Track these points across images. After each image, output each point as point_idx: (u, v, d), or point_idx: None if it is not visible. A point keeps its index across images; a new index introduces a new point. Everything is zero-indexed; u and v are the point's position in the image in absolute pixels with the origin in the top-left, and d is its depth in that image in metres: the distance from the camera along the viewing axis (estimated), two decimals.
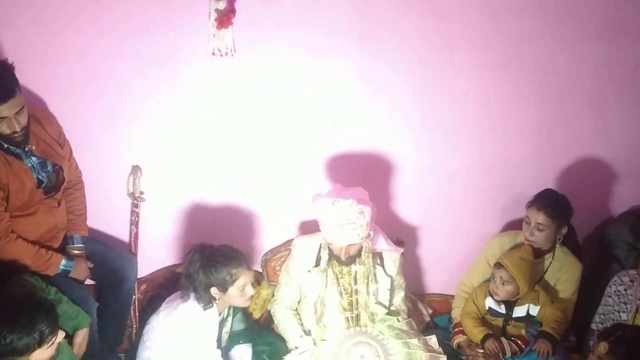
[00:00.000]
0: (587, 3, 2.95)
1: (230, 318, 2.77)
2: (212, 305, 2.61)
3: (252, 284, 2.63)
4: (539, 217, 2.84)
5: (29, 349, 2.06)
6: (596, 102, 3.11)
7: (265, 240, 3.20)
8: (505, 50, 2.98)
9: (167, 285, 3.11)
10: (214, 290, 2.58)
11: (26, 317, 2.04)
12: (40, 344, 2.08)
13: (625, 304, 2.77)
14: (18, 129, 2.47)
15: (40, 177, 2.65)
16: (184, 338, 2.56)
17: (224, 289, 2.57)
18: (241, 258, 2.60)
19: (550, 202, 2.86)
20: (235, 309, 2.79)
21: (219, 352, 2.63)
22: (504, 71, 3.01)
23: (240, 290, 2.59)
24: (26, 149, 2.59)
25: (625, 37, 3.02)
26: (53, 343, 2.13)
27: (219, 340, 2.74)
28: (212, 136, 3.04)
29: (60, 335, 2.16)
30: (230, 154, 3.08)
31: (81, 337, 2.55)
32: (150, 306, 3.00)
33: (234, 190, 3.16)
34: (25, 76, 2.67)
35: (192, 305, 2.60)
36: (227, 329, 2.78)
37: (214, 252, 2.59)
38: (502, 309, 2.90)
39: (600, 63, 3.03)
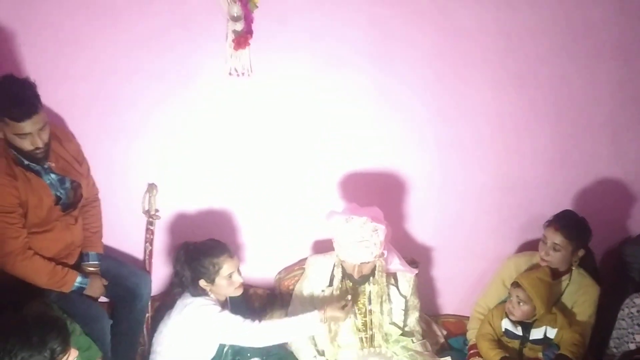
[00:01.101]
0: (603, 23, 2.96)
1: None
2: (207, 295, 2.67)
3: (239, 271, 2.68)
4: (556, 237, 2.82)
5: None
6: (611, 122, 3.10)
7: (280, 259, 3.19)
8: (520, 70, 2.99)
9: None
10: (202, 283, 2.66)
11: (37, 335, 2.01)
12: None
13: (639, 325, 2.73)
14: (41, 145, 2.49)
15: (58, 194, 2.67)
16: (190, 334, 2.61)
17: (210, 280, 2.65)
18: (222, 247, 2.68)
19: (568, 223, 2.85)
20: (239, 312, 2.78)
21: (228, 312, 2.67)
22: (519, 91, 3.01)
23: (227, 279, 2.65)
24: (45, 165, 2.62)
25: None
26: None
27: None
28: (228, 155, 3.05)
29: (73, 354, 2.15)
30: (246, 173, 3.09)
31: None
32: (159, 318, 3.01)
33: (249, 209, 3.16)
34: (45, 94, 2.68)
35: (195, 303, 2.64)
36: None
37: (196, 246, 2.70)
38: (518, 331, 2.86)
39: (616, 83, 3.03)
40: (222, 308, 2.69)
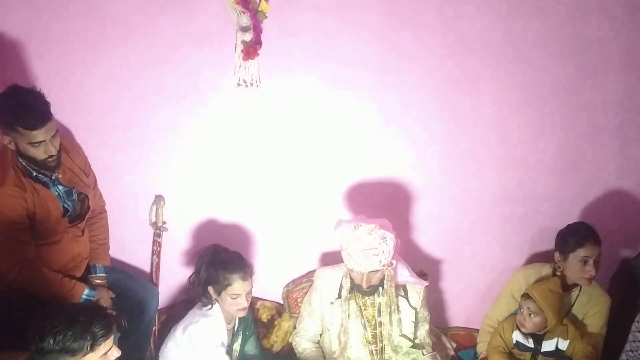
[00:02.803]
0: (610, 33, 2.96)
1: (240, 333, 2.79)
2: (212, 306, 2.66)
3: (248, 295, 2.65)
4: (596, 251, 2.80)
5: (81, 350, 2.05)
6: (619, 133, 3.09)
7: (288, 271, 3.17)
8: (528, 81, 2.99)
9: None
10: (210, 290, 2.66)
11: (83, 317, 2.07)
12: (92, 347, 2.07)
13: None
14: (54, 153, 2.49)
15: (66, 205, 2.66)
16: (197, 349, 2.60)
17: (218, 291, 2.64)
18: (241, 266, 2.65)
19: (595, 232, 2.84)
20: (247, 328, 2.82)
21: (228, 358, 2.65)
22: (527, 102, 3.01)
23: (232, 298, 2.63)
24: (53, 177, 2.61)
25: None
26: (106, 355, 2.12)
27: (229, 354, 2.73)
28: (235, 166, 3.04)
29: (115, 352, 2.15)
30: (254, 185, 3.08)
31: None
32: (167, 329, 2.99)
33: (256, 220, 3.15)
34: (52, 106, 2.70)
35: (200, 323, 2.65)
36: (237, 345, 2.78)
37: (223, 253, 2.70)
38: (530, 343, 2.84)
39: (624, 93, 3.03)
40: (231, 325, 2.67)
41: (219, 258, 2.68)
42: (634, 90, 3.03)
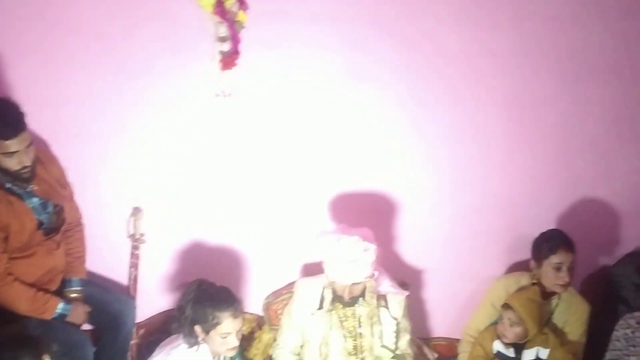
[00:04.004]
0: (589, 43, 2.99)
1: None
2: (197, 345, 2.49)
3: (239, 334, 2.50)
4: (569, 257, 2.82)
5: None
6: (599, 142, 3.12)
7: (268, 283, 3.14)
8: (507, 91, 3.00)
9: (167, 329, 3.02)
10: (197, 329, 2.47)
11: (8, 352, 1.97)
12: None
13: (634, 346, 2.70)
14: (28, 164, 2.47)
15: (41, 218, 2.62)
16: None
17: (206, 330, 2.46)
18: (232, 304, 2.46)
19: (568, 239, 2.86)
20: (234, 356, 2.69)
21: None
22: (506, 111, 3.02)
23: (222, 338, 2.45)
24: (28, 189, 2.57)
25: (629, 77, 3.05)
26: None
27: None
28: (214, 177, 3.02)
29: None
30: (232, 195, 3.06)
31: None
32: (149, 352, 2.92)
33: (236, 232, 3.13)
34: (29, 117, 2.66)
35: (183, 349, 2.51)
36: None
37: (209, 289, 2.50)
38: (510, 353, 2.84)
39: (603, 102, 3.05)
40: None
41: (206, 294, 2.47)
42: (613, 100, 3.06)
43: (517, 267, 3.19)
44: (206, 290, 2.51)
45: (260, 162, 3.02)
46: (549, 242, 2.86)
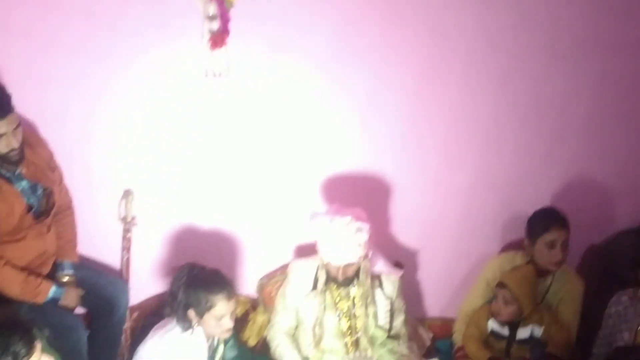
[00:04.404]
0: (583, 21, 2.96)
1: (221, 346, 2.68)
2: (191, 328, 2.49)
3: (232, 315, 2.50)
4: (563, 234, 2.81)
5: None
6: (593, 120, 3.10)
7: (261, 264, 3.14)
8: (501, 69, 2.98)
9: (161, 313, 3.01)
10: (191, 313, 2.47)
11: (0, 337, 1.94)
12: None
13: (626, 322, 2.72)
14: (16, 146, 2.44)
15: (30, 201, 2.60)
16: None
17: (200, 313, 2.45)
18: (224, 286, 2.46)
19: (561, 216, 2.85)
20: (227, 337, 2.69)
21: None
22: (500, 90, 3.00)
23: (216, 320, 2.45)
24: (16, 172, 2.55)
25: (623, 53, 3.03)
26: None
27: None
28: (205, 158, 3.00)
29: (46, 358, 2.06)
30: (224, 176, 3.04)
31: None
32: (142, 335, 2.91)
33: (229, 213, 3.11)
34: (16, 100, 2.62)
35: (177, 332, 2.51)
36: (219, 356, 2.68)
37: (201, 273, 2.50)
38: (505, 331, 2.84)
39: (597, 81, 3.03)
40: (210, 342, 2.56)
41: (198, 278, 2.46)
42: (606, 78, 3.04)
43: (512, 246, 3.19)
44: (197, 274, 2.49)
45: (252, 143, 3.00)
46: (542, 220, 2.85)
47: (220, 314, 2.45)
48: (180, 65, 2.80)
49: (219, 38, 2.72)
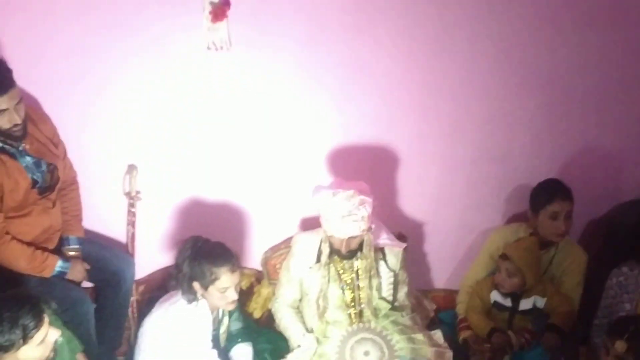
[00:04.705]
0: None
1: (226, 318, 2.72)
2: (196, 300, 2.54)
3: (237, 288, 2.54)
4: (566, 205, 2.80)
5: (14, 346, 2.00)
6: (598, 91, 3.06)
7: (266, 237, 3.15)
8: (506, 40, 2.94)
9: (166, 286, 3.05)
10: (196, 285, 2.51)
11: (8, 312, 1.99)
12: (25, 339, 2.01)
13: (628, 293, 2.73)
14: (19, 122, 2.44)
15: (34, 177, 2.61)
16: (176, 339, 2.51)
17: (204, 286, 2.50)
18: (228, 259, 2.50)
19: (565, 188, 2.84)
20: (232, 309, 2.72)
21: (214, 352, 2.56)
22: (505, 61, 2.97)
23: (220, 292, 2.49)
24: (20, 148, 2.56)
25: (628, 25, 2.98)
26: (43, 341, 2.07)
27: (216, 340, 2.69)
28: (209, 132, 2.99)
29: (53, 333, 2.10)
30: (228, 150, 3.04)
31: None
32: (149, 308, 2.95)
33: (233, 187, 3.12)
34: (18, 75, 2.61)
35: (182, 304, 2.55)
36: (224, 328, 2.72)
37: (205, 246, 2.53)
38: (507, 302, 2.85)
39: (602, 51, 2.99)
40: (214, 314, 2.61)
41: (202, 251, 2.51)
42: (612, 48, 2.99)
43: (516, 218, 3.18)
44: (202, 247, 2.52)
45: (255, 116, 2.99)
46: (546, 192, 2.84)
47: (225, 286, 2.49)
48: (182, 39, 2.79)
49: (220, 10, 2.70)
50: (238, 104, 2.95)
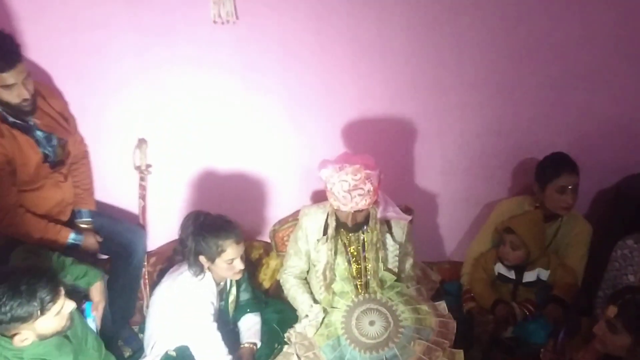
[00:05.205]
0: None
1: (234, 289, 2.77)
2: (203, 274, 2.59)
3: (242, 258, 2.59)
4: (573, 179, 2.81)
5: (31, 317, 2.07)
6: (606, 64, 3.01)
7: (276, 210, 3.19)
8: (514, 12, 2.89)
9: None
10: (202, 259, 2.57)
11: (26, 284, 2.05)
12: (42, 311, 2.09)
13: (632, 266, 2.74)
14: (28, 97, 2.47)
15: (46, 151, 2.65)
16: (181, 309, 2.58)
17: (211, 259, 2.55)
18: (232, 230, 2.55)
19: (571, 161, 2.85)
20: (240, 279, 2.79)
21: (215, 324, 2.62)
22: (513, 33, 2.92)
23: (227, 263, 2.56)
24: (31, 122, 2.59)
25: None
26: (59, 313, 2.14)
27: (225, 311, 2.75)
28: (217, 105, 3.00)
29: (69, 305, 2.17)
30: (237, 124, 3.06)
31: (96, 291, 2.51)
32: (159, 279, 3.02)
33: (242, 160, 3.14)
34: (28, 50, 2.66)
35: (187, 276, 2.61)
36: (232, 298, 2.78)
37: (207, 220, 2.58)
38: (511, 275, 2.88)
39: (611, 23, 2.93)
40: (220, 286, 2.66)
41: (205, 225, 2.56)
42: (621, 20, 2.93)
43: (522, 191, 3.19)
44: (204, 221, 2.58)
45: (264, 90, 2.99)
46: (553, 165, 2.85)
47: (231, 257, 2.55)
48: (188, 12, 2.78)
49: None
50: (246, 77, 2.95)
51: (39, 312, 2.07)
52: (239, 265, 2.58)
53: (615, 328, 2.18)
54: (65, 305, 2.15)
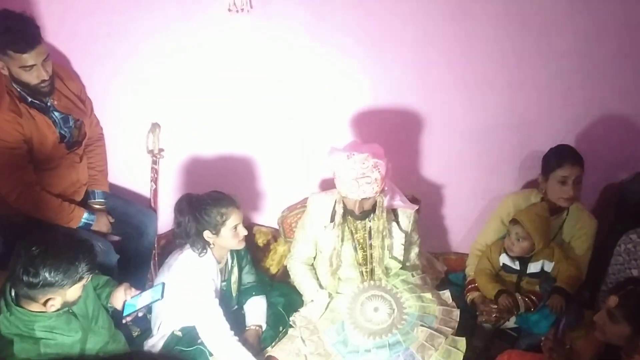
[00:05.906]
0: None
1: (235, 268, 2.83)
2: (207, 251, 2.66)
3: (244, 224, 2.68)
4: (575, 171, 2.82)
5: (68, 285, 2.16)
6: (616, 58, 3.02)
7: (285, 196, 3.23)
8: (523, 7, 2.91)
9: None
10: (207, 234, 2.63)
11: (66, 254, 2.14)
12: (79, 280, 2.18)
13: (635, 260, 2.76)
14: (46, 78, 2.52)
15: (62, 132, 2.70)
16: (183, 287, 2.63)
17: (216, 230, 2.62)
18: (229, 198, 2.65)
19: (575, 153, 2.86)
20: (242, 260, 2.84)
21: (216, 301, 2.65)
22: (522, 27, 2.94)
23: (232, 231, 2.63)
24: (48, 103, 2.65)
25: None
26: (84, 284, 2.23)
27: (228, 292, 2.80)
28: (230, 92, 3.04)
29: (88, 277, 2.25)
30: (249, 111, 3.09)
31: (119, 292, 2.48)
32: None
33: (253, 147, 3.19)
34: (46, 34, 2.70)
35: (187, 254, 2.67)
36: (234, 278, 2.83)
37: (201, 198, 2.66)
38: (516, 266, 2.91)
39: (621, 18, 2.94)
40: (222, 264, 2.72)
41: (202, 202, 2.62)
42: (630, 16, 2.93)
43: (529, 185, 3.20)
44: (198, 199, 2.66)
45: (277, 78, 3.02)
46: (556, 156, 2.87)
47: (235, 223, 2.64)
48: (203, 1, 2.82)
49: None
50: (258, 65, 2.98)
51: (77, 279, 2.16)
52: (243, 231, 2.67)
53: (616, 318, 2.21)
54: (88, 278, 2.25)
